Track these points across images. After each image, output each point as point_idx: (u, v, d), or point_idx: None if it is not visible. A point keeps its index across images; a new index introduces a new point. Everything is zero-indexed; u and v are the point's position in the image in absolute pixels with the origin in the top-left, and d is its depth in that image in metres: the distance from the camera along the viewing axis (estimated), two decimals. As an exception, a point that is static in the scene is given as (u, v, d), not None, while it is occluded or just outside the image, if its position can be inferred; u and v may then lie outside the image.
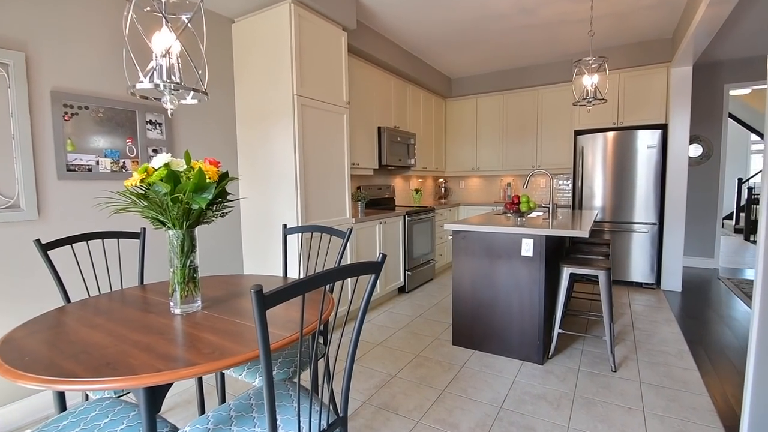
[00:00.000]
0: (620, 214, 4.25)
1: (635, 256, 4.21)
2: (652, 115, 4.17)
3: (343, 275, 0.99)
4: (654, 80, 4.15)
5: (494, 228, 2.50)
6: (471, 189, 5.93)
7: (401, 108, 4.53)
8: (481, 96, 5.41)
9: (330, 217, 2.98)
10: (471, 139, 5.55)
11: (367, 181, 4.44)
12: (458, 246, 2.69)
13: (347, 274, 1.01)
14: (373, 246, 3.51)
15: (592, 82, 2.88)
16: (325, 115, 2.91)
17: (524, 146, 5.17)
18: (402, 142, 4.36)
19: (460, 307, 2.73)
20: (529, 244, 2.42)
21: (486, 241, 2.58)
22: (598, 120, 4.44)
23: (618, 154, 4.21)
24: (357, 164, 3.72)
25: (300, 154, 2.67)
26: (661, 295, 3.95)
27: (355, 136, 3.70)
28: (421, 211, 4.26)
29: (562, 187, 5.24)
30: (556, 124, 4.93)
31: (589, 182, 4.39)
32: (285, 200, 2.73)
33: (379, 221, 3.56)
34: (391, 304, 3.73)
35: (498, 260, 2.55)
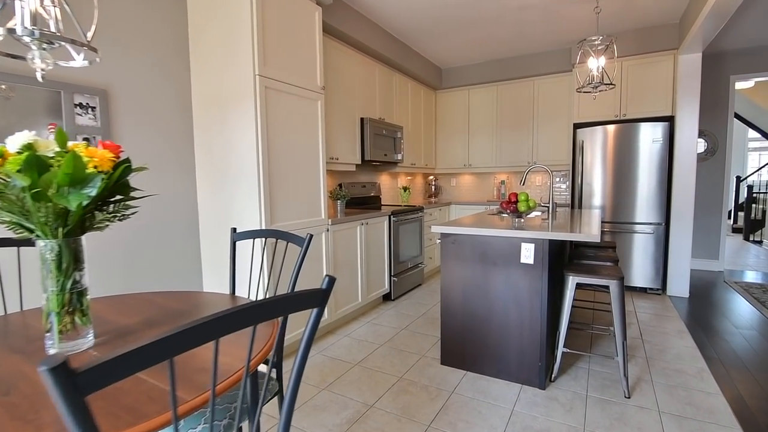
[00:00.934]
0: (623, 214, 3.93)
1: (639, 259, 3.90)
2: (658, 106, 3.86)
3: (243, 322, 0.61)
4: (660, 69, 3.84)
5: (489, 231, 2.15)
6: (463, 187, 5.59)
7: (387, 98, 4.16)
8: (474, 87, 5.07)
9: (302, 218, 2.61)
10: (463, 133, 5.20)
11: (350, 177, 4.07)
12: (447, 251, 2.34)
13: (255, 319, 0.63)
14: (353, 250, 3.14)
15: (598, 65, 2.54)
16: (295, 100, 2.54)
17: (519, 141, 4.84)
18: (388, 136, 3.99)
19: (450, 320, 2.37)
20: (530, 250, 2.07)
21: (479, 246, 2.23)
22: (599, 112, 4.12)
23: (620, 149, 3.90)
24: (336, 159, 3.35)
25: (263, 145, 2.29)
26: (668, 302, 3.64)
27: (333, 127, 3.33)
28: (408, 211, 3.90)
29: (560, 185, 4.91)
30: (554, 117, 4.61)
31: (588, 179, 4.07)
32: (246, 199, 2.35)
33: (360, 222, 3.20)
34: (375, 314, 3.37)
35: (493, 268, 2.20)
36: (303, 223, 2.61)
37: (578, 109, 4.21)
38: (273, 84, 2.34)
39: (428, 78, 4.83)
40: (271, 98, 2.34)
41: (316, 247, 2.74)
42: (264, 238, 1.59)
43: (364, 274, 3.28)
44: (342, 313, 3.03)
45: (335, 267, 2.94)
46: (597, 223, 2.30)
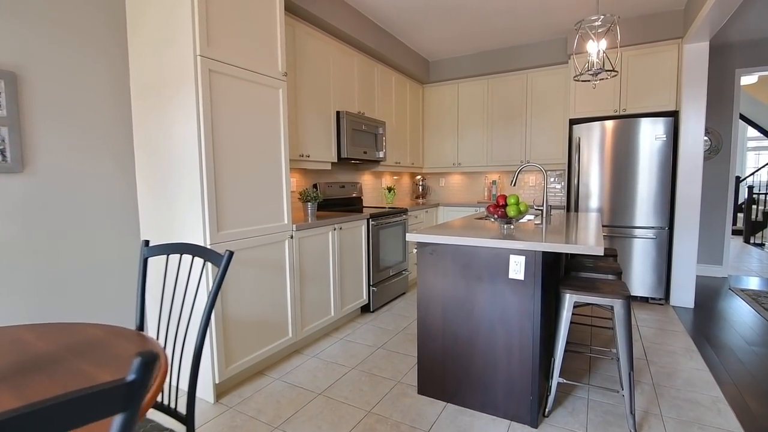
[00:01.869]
0: (622, 217, 3.63)
1: (640, 266, 3.60)
2: (661, 100, 3.56)
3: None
4: (663, 59, 3.54)
5: (472, 240, 1.82)
6: (452, 187, 5.27)
7: (368, 91, 3.83)
8: (463, 81, 4.75)
9: (259, 224, 2.26)
10: (451, 130, 4.88)
11: (326, 177, 3.73)
12: (425, 262, 2.01)
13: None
14: (324, 259, 2.80)
15: (599, 49, 2.23)
16: (250, 88, 2.19)
17: (512, 139, 4.52)
18: (368, 132, 3.66)
19: (429, 343, 2.04)
20: (520, 263, 1.75)
21: (462, 258, 1.90)
22: (597, 107, 3.81)
23: (620, 147, 3.59)
24: (307, 156, 3.01)
25: (206, 140, 1.94)
26: (672, 313, 3.34)
27: (304, 121, 2.98)
28: (390, 214, 3.57)
29: (554, 185, 4.61)
30: (548, 112, 4.30)
31: (585, 179, 3.77)
32: (188, 204, 2.00)
33: (333, 227, 2.86)
34: (350, 329, 3.03)
35: (478, 283, 1.87)
36: (260, 230, 2.26)
37: (574, 103, 3.90)
38: (220, 67, 2.00)
39: (414, 71, 4.50)
40: (217, 84, 1.99)
41: (277, 257, 2.40)
42: (179, 254, 1.25)
43: (338, 285, 2.95)
44: (310, 331, 2.69)
45: (302, 279, 2.60)
46: (597, 231, 1.98)
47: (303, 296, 2.62)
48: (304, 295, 2.63)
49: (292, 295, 2.51)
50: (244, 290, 2.19)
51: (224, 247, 2.05)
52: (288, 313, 2.50)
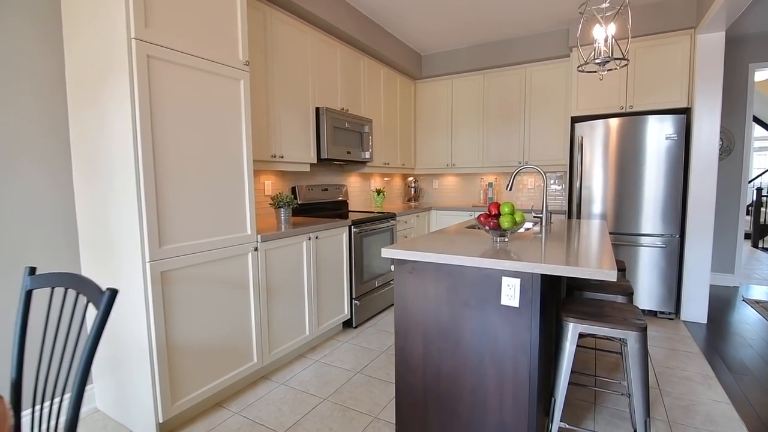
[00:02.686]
0: (628, 223, 3.33)
1: (647, 277, 3.30)
2: (671, 96, 3.26)
3: None
4: (674, 51, 3.24)
5: (458, 258, 1.52)
6: (446, 189, 4.97)
7: (352, 86, 3.53)
8: (458, 76, 4.45)
9: (215, 235, 1.97)
10: (445, 129, 4.58)
11: (306, 179, 3.43)
12: (403, 282, 1.71)
13: None
14: (297, 272, 2.50)
15: (606, 35, 1.93)
16: (202, 79, 1.89)
17: (509, 138, 4.22)
18: (352, 130, 3.36)
19: (408, 378, 1.75)
20: (514, 287, 1.45)
21: (446, 278, 1.60)
22: (601, 103, 3.51)
23: (626, 147, 3.30)
24: (280, 157, 2.71)
25: (144, 138, 1.65)
26: (683, 330, 3.04)
27: (277, 117, 2.69)
28: (375, 219, 3.27)
29: (555, 187, 4.31)
30: (549, 109, 4.00)
31: (588, 182, 3.47)
32: (124, 211, 1.71)
33: (307, 236, 2.56)
34: (328, 349, 2.74)
35: (465, 309, 1.57)
36: (216, 242, 1.96)
37: (577, 99, 3.60)
38: (162, 53, 1.70)
39: (405, 65, 4.20)
40: (159, 73, 1.70)
41: (238, 272, 2.10)
42: (63, 287, 0.95)
43: (314, 301, 2.65)
44: (280, 353, 2.39)
45: (270, 296, 2.30)
46: (607, 248, 1.68)
47: (271, 315, 2.32)
48: (273, 314, 2.33)
49: (257, 315, 2.21)
50: (197, 312, 1.89)
51: (168, 265, 1.75)
52: (252, 336, 2.20)
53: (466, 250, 1.61)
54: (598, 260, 1.40)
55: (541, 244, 1.77)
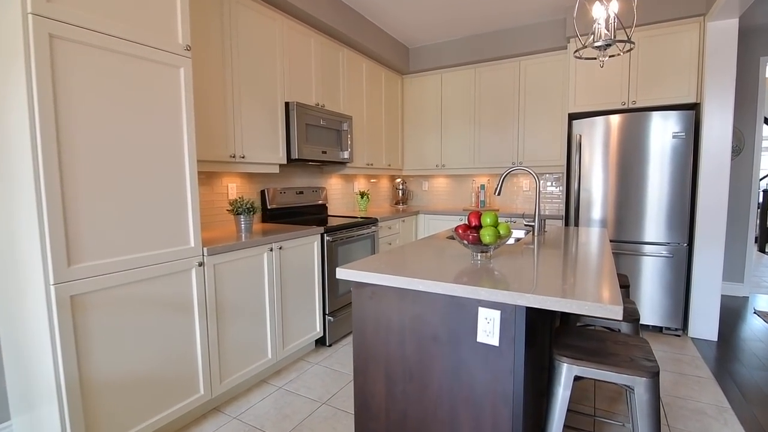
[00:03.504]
0: (630, 230, 3.04)
1: (652, 289, 3.01)
2: (678, 90, 2.97)
3: None
4: (680, 42, 2.94)
5: (424, 283, 1.23)
6: (436, 192, 4.67)
7: (330, 80, 3.23)
8: (448, 71, 4.15)
9: (147, 249, 1.67)
10: (434, 127, 4.28)
11: (279, 181, 3.13)
12: (362, 310, 1.42)
13: None
14: (256, 288, 2.21)
15: (609, 12, 1.64)
16: (127, 65, 1.60)
17: (502, 137, 3.93)
18: (328, 128, 3.06)
19: (369, 424, 1.45)
20: (493, 321, 1.16)
21: (412, 306, 1.31)
22: (601, 99, 3.22)
23: (628, 146, 3.00)
24: (241, 157, 2.42)
25: (45, 133, 1.35)
26: (692, 348, 2.75)
27: (237, 113, 2.39)
28: (354, 225, 2.97)
29: (551, 190, 4.02)
30: (545, 106, 3.71)
31: (587, 184, 3.18)
32: (26, 226, 1.41)
33: (268, 247, 2.26)
34: (295, 372, 2.44)
35: (434, 345, 1.28)
36: (147, 258, 1.67)
37: (575, 94, 3.31)
38: (70, 33, 1.40)
39: (391, 58, 3.91)
40: (67, 56, 1.40)
41: (179, 291, 1.81)
42: None
43: (278, 320, 2.35)
44: (235, 381, 2.10)
45: (221, 317, 2.00)
46: (611, 273, 1.39)
47: (223, 339, 2.02)
48: (226, 337, 2.04)
49: (204, 340, 1.91)
50: (125, 340, 1.60)
51: (80, 287, 1.45)
52: (198, 364, 1.90)
53: (438, 271, 1.31)
54: (598, 289, 1.11)
55: (530, 262, 1.47)
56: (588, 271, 1.32)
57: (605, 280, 1.21)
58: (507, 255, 1.62)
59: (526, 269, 1.36)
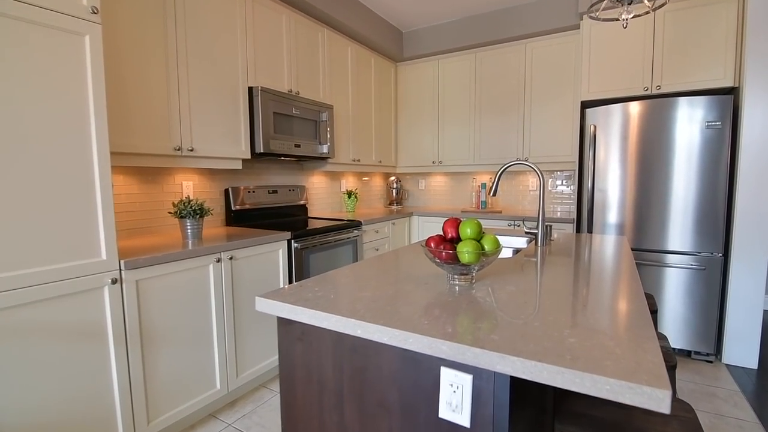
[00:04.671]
0: (653, 237, 2.60)
1: (679, 306, 2.57)
2: (711, 72, 2.52)
3: None
4: (715, 15, 2.49)
5: (365, 327, 0.84)
6: (434, 191, 4.27)
7: (307, 64, 2.85)
8: (446, 56, 3.74)
9: (37, 265, 1.31)
10: (431, 120, 3.88)
11: (247, 179, 2.76)
12: (290, 354, 1.03)
13: None
14: (199, 308, 1.84)
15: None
16: (16, 31, 1.23)
17: (506, 129, 3.51)
18: (303, 118, 2.68)
19: (304, 505, 1.07)
20: (462, 389, 0.76)
21: (351, 357, 0.92)
22: (619, 83, 2.78)
23: (651, 138, 2.57)
24: (189, 150, 2.05)
25: None
26: (728, 379, 2.31)
27: (185, 97, 2.03)
28: (331, 230, 2.59)
29: (562, 190, 3.58)
30: (554, 93, 3.28)
31: (602, 183, 2.75)
32: None
33: (215, 257, 1.89)
34: (252, 403, 2.07)
35: (380, 416, 0.89)
36: (36, 275, 1.30)
37: (588, 79, 2.87)
38: None
39: (382, 43, 3.51)
40: None
41: (86, 316, 1.44)
42: None
43: (230, 343, 1.98)
44: (168, 421, 1.73)
45: (146, 344, 1.64)
46: (644, 317, 0.98)
47: (152, 370, 1.66)
48: (156, 368, 1.67)
49: (123, 374, 1.55)
50: (11, 380, 1.24)
51: None
52: (116, 404, 1.54)
53: (392, 305, 0.92)
54: (629, 351, 0.70)
55: (527, 287, 1.07)
56: (609, 308, 0.92)
57: (637, 327, 0.81)
58: (498, 275, 1.21)
59: (520, 301, 0.96)
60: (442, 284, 1.13)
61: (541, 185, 1.76)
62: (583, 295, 1.02)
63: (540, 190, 1.77)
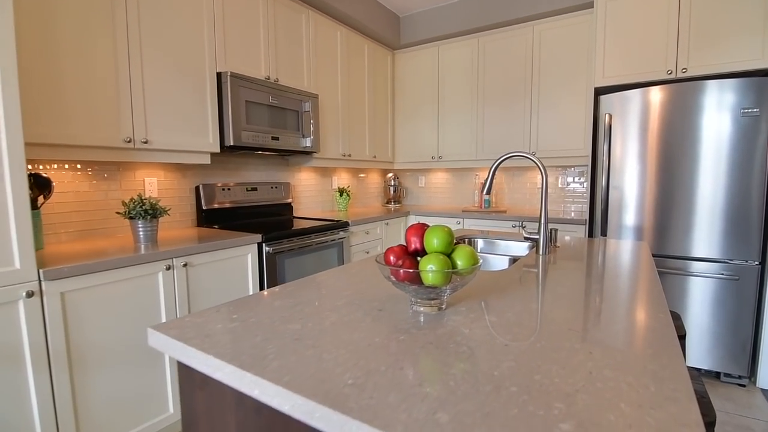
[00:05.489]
0: (676, 242, 2.29)
1: (706, 320, 2.25)
2: (746, 52, 2.19)
3: None
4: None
5: (264, 387, 0.58)
6: (434, 188, 3.98)
7: (289, 50, 2.60)
8: (446, 42, 3.45)
9: None
10: (431, 111, 3.59)
11: (221, 175, 2.53)
12: (192, 401, 0.78)
13: None
14: (146, 323, 1.60)
15: None
16: None
17: (511, 121, 3.21)
18: (281, 107, 2.43)
19: None
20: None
21: (255, 420, 0.66)
22: (639, 66, 2.45)
23: (675, 127, 2.25)
24: (144, 142, 1.82)
25: None
26: (764, 406, 1.99)
27: (137, 83, 1.79)
28: (311, 231, 2.34)
29: (574, 188, 3.27)
30: (564, 80, 2.96)
31: (618, 180, 2.44)
32: None
33: (166, 264, 1.65)
34: (214, 429, 1.83)
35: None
36: None
37: (603, 63, 2.56)
38: None
39: (377, 28, 3.24)
40: None
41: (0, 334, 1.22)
42: None
43: (187, 360, 1.75)
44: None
45: (76, 365, 1.41)
46: (688, 394, 0.69)
47: (84, 395, 1.43)
48: (89, 392, 1.44)
49: (45, 400, 1.32)
50: None
51: None
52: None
53: (317, 349, 0.66)
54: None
55: (515, 321, 0.80)
56: (629, 360, 0.64)
57: (671, 401, 0.53)
58: (482, 295, 0.94)
59: (501, 342, 0.69)
60: (402, 311, 0.86)
61: (543, 182, 1.47)
62: (592, 335, 0.74)
63: (542, 188, 1.49)
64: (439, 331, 0.75)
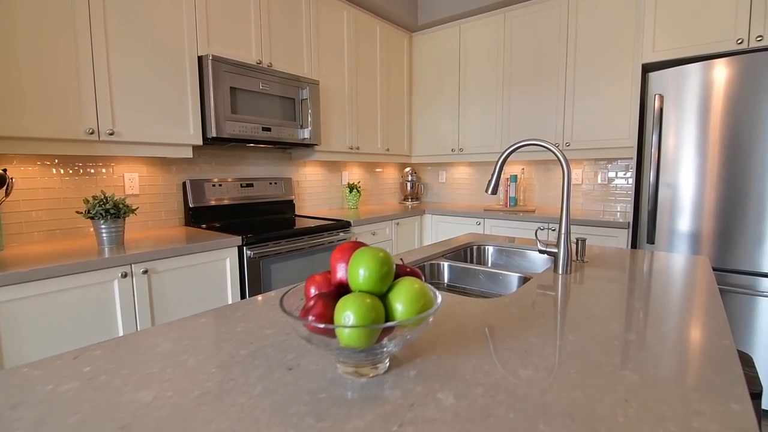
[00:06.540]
0: (744, 255, 1.84)
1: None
2: None
3: None
4: None
5: None
6: (456, 184, 3.64)
7: (286, 32, 2.36)
8: (469, 21, 3.09)
9: None
10: (451, 99, 3.25)
11: (209, 170, 2.34)
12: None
13: None
14: (96, 337, 1.43)
15: None
16: None
17: (542, 108, 2.81)
18: (274, 95, 2.20)
19: None
20: None
21: None
22: (699, 37, 2.00)
23: (745, 112, 1.80)
24: (110, 134, 1.64)
25: None
26: None
27: (102, 66, 1.61)
28: (305, 233, 2.11)
29: (617, 184, 2.83)
30: (606, 58, 2.53)
31: (671, 177, 2.01)
32: None
33: (121, 271, 1.46)
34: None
35: None
36: None
37: (654, 33, 2.12)
38: None
39: (390, 6, 2.94)
40: None
41: None
42: None
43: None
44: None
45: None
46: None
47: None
48: (29, 416, 1.28)
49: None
50: None
51: None
52: None
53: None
54: None
55: (501, 388, 0.50)
56: None
57: None
58: (450, 348, 0.65)
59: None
60: (322, 372, 0.58)
61: (565, 178, 1.14)
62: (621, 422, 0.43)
63: (564, 186, 1.15)
64: (368, 417, 0.47)
